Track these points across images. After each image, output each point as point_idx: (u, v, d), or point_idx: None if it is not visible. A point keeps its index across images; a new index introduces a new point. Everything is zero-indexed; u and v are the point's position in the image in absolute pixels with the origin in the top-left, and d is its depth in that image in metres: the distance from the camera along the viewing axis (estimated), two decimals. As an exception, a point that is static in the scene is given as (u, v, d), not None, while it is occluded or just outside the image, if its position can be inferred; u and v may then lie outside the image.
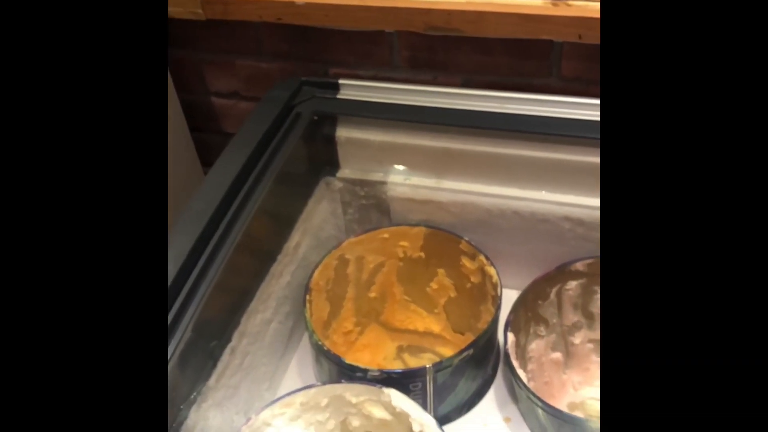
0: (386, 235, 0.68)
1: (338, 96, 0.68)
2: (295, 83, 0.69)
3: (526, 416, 0.60)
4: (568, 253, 0.64)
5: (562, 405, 0.63)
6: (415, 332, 0.73)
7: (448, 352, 0.70)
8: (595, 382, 0.65)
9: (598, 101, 0.61)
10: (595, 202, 0.63)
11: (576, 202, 0.63)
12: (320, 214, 0.71)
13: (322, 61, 0.75)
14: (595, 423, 0.52)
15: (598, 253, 0.63)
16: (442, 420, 0.59)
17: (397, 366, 0.70)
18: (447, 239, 0.67)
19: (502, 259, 0.65)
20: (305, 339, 0.69)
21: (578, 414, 0.62)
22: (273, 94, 0.67)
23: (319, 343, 0.58)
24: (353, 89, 0.68)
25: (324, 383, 0.55)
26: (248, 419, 0.52)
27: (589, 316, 0.66)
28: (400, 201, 0.69)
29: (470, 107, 0.64)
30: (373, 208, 0.71)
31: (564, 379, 0.66)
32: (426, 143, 0.66)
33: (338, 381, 0.55)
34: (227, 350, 0.56)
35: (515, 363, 0.57)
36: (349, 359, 0.57)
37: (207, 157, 0.87)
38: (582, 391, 0.65)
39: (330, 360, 0.58)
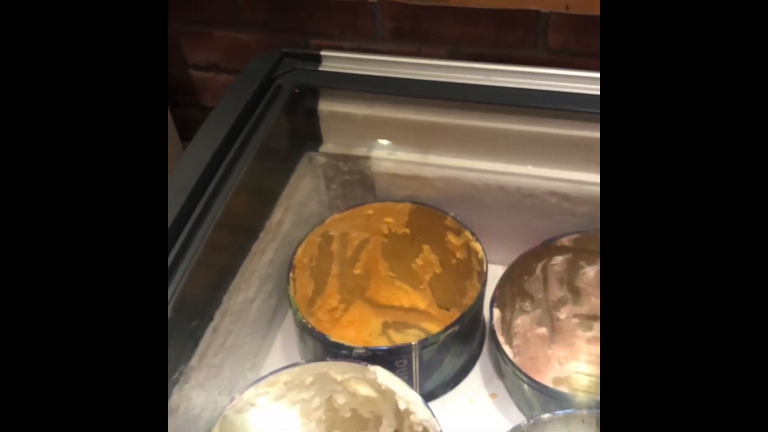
0: (371, 212, 0.67)
1: (320, 68, 0.66)
2: (276, 55, 0.67)
3: (512, 392, 0.60)
4: (554, 228, 0.64)
5: (547, 380, 0.63)
6: (400, 308, 0.73)
7: (433, 328, 0.69)
8: (580, 356, 0.66)
9: (585, 74, 0.60)
10: (582, 176, 0.62)
11: (562, 176, 0.63)
12: (303, 190, 0.69)
13: (303, 31, 0.73)
14: (581, 398, 0.52)
15: (583, 228, 0.63)
16: (428, 397, 0.59)
17: (382, 343, 0.70)
18: (432, 215, 0.66)
19: (488, 234, 0.65)
20: (289, 317, 0.68)
21: (564, 389, 0.62)
22: (253, 66, 0.65)
23: (303, 320, 0.57)
24: (335, 61, 0.66)
25: (309, 361, 0.54)
26: (232, 399, 0.52)
27: (574, 291, 0.66)
28: (385, 176, 0.68)
29: (455, 80, 0.62)
30: (357, 184, 0.70)
31: (549, 354, 0.66)
32: (411, 117, 0.64)
33: (323, 359, 0.55)
34: (209, 330, 0.55)
35: (501, 339, 0.57)
36: (334, 336, 0.56)
37: (185, 131, 0.85)
38: (567, 366, 0.65)
39: (314, 338, 0.57)
